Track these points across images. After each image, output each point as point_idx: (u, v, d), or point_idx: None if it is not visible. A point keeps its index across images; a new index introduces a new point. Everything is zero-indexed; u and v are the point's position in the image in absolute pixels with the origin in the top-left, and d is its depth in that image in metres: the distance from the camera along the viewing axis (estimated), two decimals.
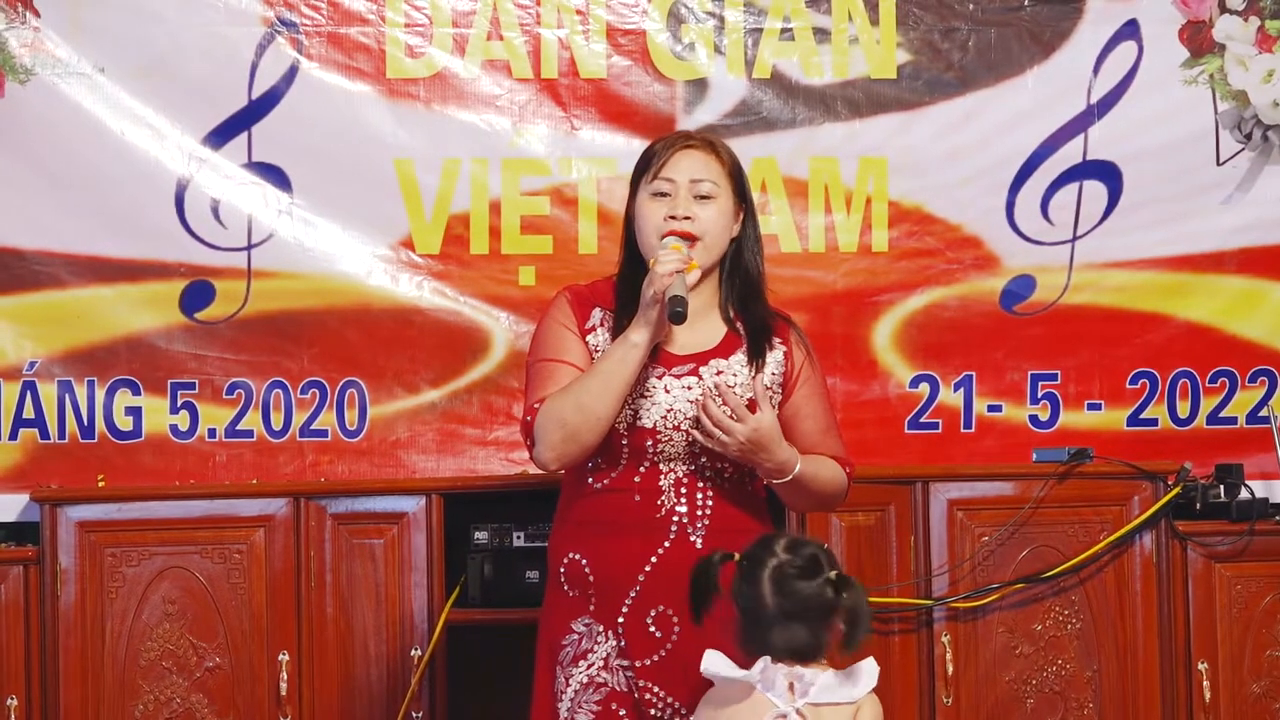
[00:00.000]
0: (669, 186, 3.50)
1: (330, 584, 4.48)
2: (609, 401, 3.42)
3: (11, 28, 4.81)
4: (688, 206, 3.48)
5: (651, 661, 3.45)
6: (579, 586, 3.50)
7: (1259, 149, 5.05)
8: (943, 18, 5.00)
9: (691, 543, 3.46)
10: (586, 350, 3.53)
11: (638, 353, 3.41)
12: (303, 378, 4.90)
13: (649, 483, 3.49)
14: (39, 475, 4.75)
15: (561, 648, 3.50)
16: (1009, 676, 4.48)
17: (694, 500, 3.49)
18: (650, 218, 3.51)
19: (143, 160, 4.85)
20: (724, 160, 3.56)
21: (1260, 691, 4.56)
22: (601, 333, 3.54)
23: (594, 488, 3.51)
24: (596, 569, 3.47)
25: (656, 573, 3.43)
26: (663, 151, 3.55)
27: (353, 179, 4.90)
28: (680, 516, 3.48)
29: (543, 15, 4.95)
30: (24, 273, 4.82)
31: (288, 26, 4.88)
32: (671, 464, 3.50)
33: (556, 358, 3.52)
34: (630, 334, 3.42)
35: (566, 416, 3.42)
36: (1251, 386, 5.03)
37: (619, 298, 3.56)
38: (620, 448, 3.48)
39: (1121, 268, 5.03)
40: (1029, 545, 4.50)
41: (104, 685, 4.42)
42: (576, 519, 3.54)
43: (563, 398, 3.44)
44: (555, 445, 3.43)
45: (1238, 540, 4.55)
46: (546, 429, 3.43)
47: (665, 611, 3.45)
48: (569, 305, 3.58)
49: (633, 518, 3.47)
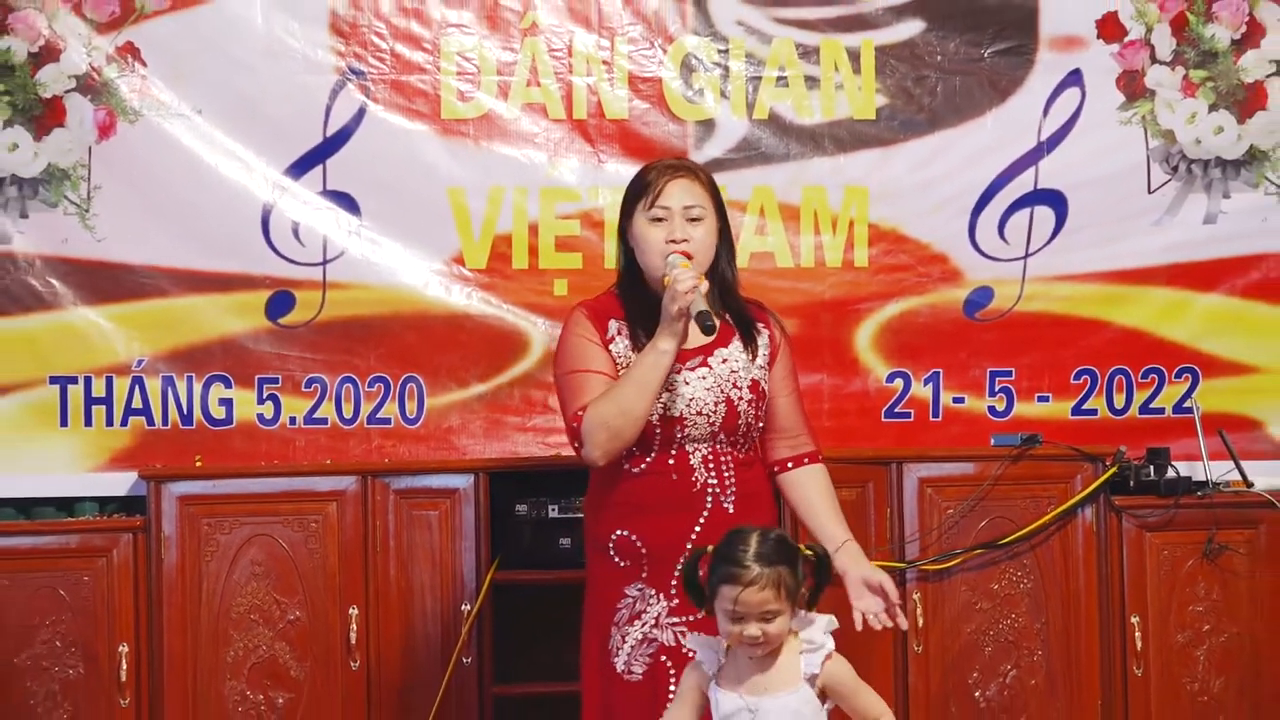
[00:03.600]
0: (665, 213, 3.50)
1: (393, 549, 4.51)
2: (646, 402, 3.44)
3: (123, 76, 4.82)
4: (683, 230, 3.49)
5: (701, 615, 3.39)
6: (630, 557, 3.50)
7: (1184, 179, 5.07)
8: (915, 67, 5.01)
9: (725, 509, 3.49)
10: (610, 358, 3.53)
11: (667, 359, 3.42)
12: (370, 374, 4.92)
13: (681, 463, 3.49)
14: (146, 456, 4.78)
15: (616, 610, 3.51)
16: (970, 628, 4.53)
17: (721, 473, 3.51)
18: (652, 241, 3.50)
19: (234, 189, 4.87)
20: (706, 184, 3.56)
21: (1184, 641, 4.59)
22: (621, 341, 3.54)
23: (632, 472, 3.51)
24: (647, 541, 3.47)
25: (701, 539, 3.42)
26: (656, 180, 3.54)
27: (412, 205, 4.91)
28: (712, 488, 3.49)
29: (574, 65, 4.95)
30: (133, 284, 4.85)
31: (357, 75, 4.90)
32: (697, 444, 3.50)
33: (587, 368, 3.52)
34: (658, 343, 3.43)
35: (610, 420, 3.43)
36: (1177, 382, 5.05)
37: (628, 309, 3.57)
38: (654, 436, 3.49)
39: (1067, 281, 5.04)
40: (987, 516, 4.54)
41: (200, 635, 4.46)
42: (620, 500, 3.52)
43: (605, 404, 3.45)
44: (602, 444, 3.44)
45: (1165, 513, 4.58)
46: (593, 432, 3.44)
47: None
48: (588, 320, 3.58)
49: (672, 494, 3.48)
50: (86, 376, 4.83)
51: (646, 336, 3.50)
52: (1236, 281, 5.06)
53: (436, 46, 4.91)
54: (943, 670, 4.48)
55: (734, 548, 3.01)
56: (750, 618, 2.94)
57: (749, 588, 2.94)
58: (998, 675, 4.55)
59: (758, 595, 2.93)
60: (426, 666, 4.48)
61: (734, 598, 2.94)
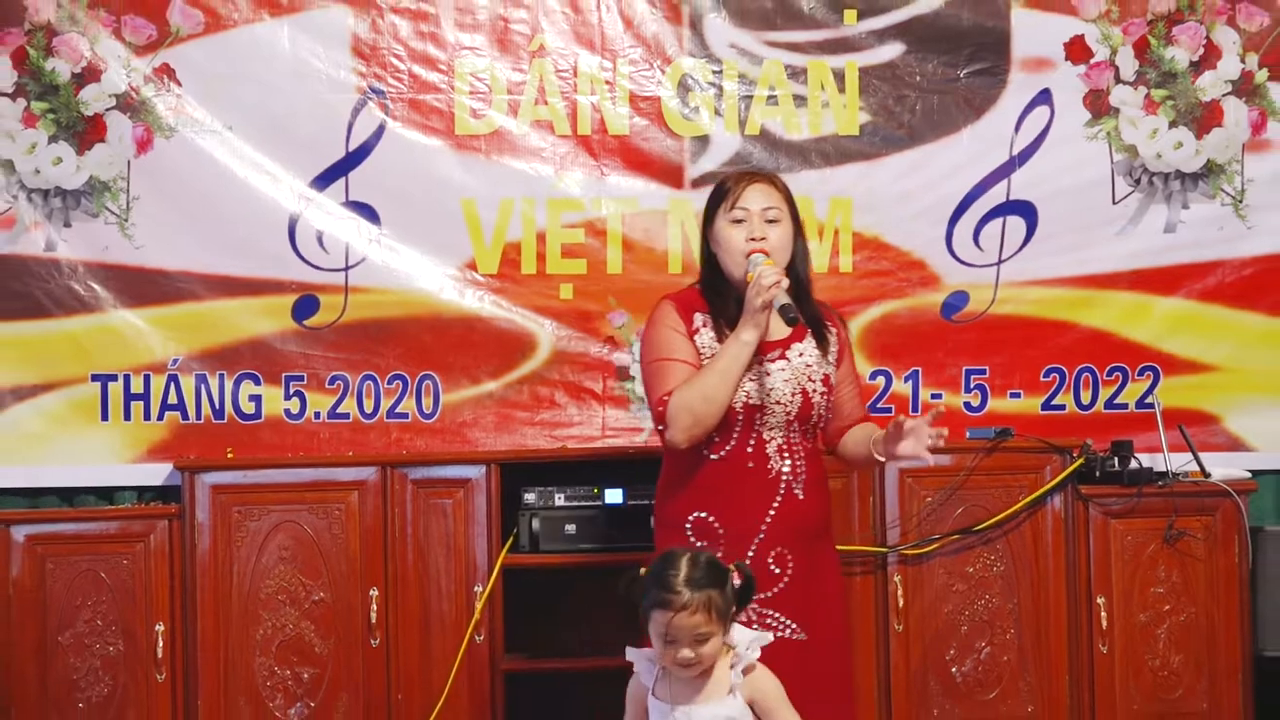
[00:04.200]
0: (744, 214, 3.51)
1: (410, 535, 4.51)
2: (728, 390, 3.43)
3: (159, 95, 4.83)
4: (761, 229, 3.50)
5: (774, 593, 3.46)
6: (707, 538, 3.49)
7: (1146, 191, 5.06)
8: (895, 87, 5.00)
9: (795, 494, 3.50)
10: (695, 348, 3.52)
11: (749, 349, 3.43)
12: (389, 372, 4.90)
13: (759, 450, 3.49)
14: (180, 448, 4.79)
15: None
16: (947, 608, 4.53)
17: (794, 461, 3.52)
18: (733, 240, 3.51)
19: (262, 200, 4.86)
20: (782, 191, 3.58)
21: (1145, 620, 4.59)
22: (706, 333, 3.53)
23: (711, 458, 3.50)
24: (725, 523, 3.47)
25: (775, 522, 3.47)
26: (735, 186, 3.56)
27: (428, 214, 4.90)
28: (785, 475, 3.50)
29: (579, 85, 4.94)
30: (169, 289, 4.84)
31: (377, 94, 4.89)
32: (772, 433, 3.50)
33: (673, 357, 3.51)
34: (741, 334, 3.43)
35: (695, 405, 3.42)
36: (1140, 379, 5.04)
37: (711, 303, 3.56)
38: (734, 423, 3.48)
39: (1037, 285, 5.03)
40: (963, 504, 4.54)
41: (231, 614, 4.47)
42: (699, 484, 3.51)
43: (689, 390, 3.44)
44: (686, 428, 3.44)
45: (1128, 501, 4.58)
46: (678, 417, 3.44)
47: (783, 552, 3.48)
48: (676, 312, 3.57)
49: (749, 480, 3.48)
50: (126, 374, 4.83)
51: (729, 328, 3.49)
52: (1194, 286, 5.05)
53: (451, 67, 4.91)
54: (922, 648, 4.47)
55: (665, 573, 2.94)
56: (682, 641, 2.90)
57: (680, 612, 2.90)
58: (973, 652, 4.54)
59: (689, 620, 2.89)
60: (442, 644, 4.49)
61: (666, 622, 2.90)
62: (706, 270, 3.61)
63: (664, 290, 4.60)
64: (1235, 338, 5.06)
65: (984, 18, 5.00)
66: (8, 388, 4.80)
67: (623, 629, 4.48)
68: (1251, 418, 5.05)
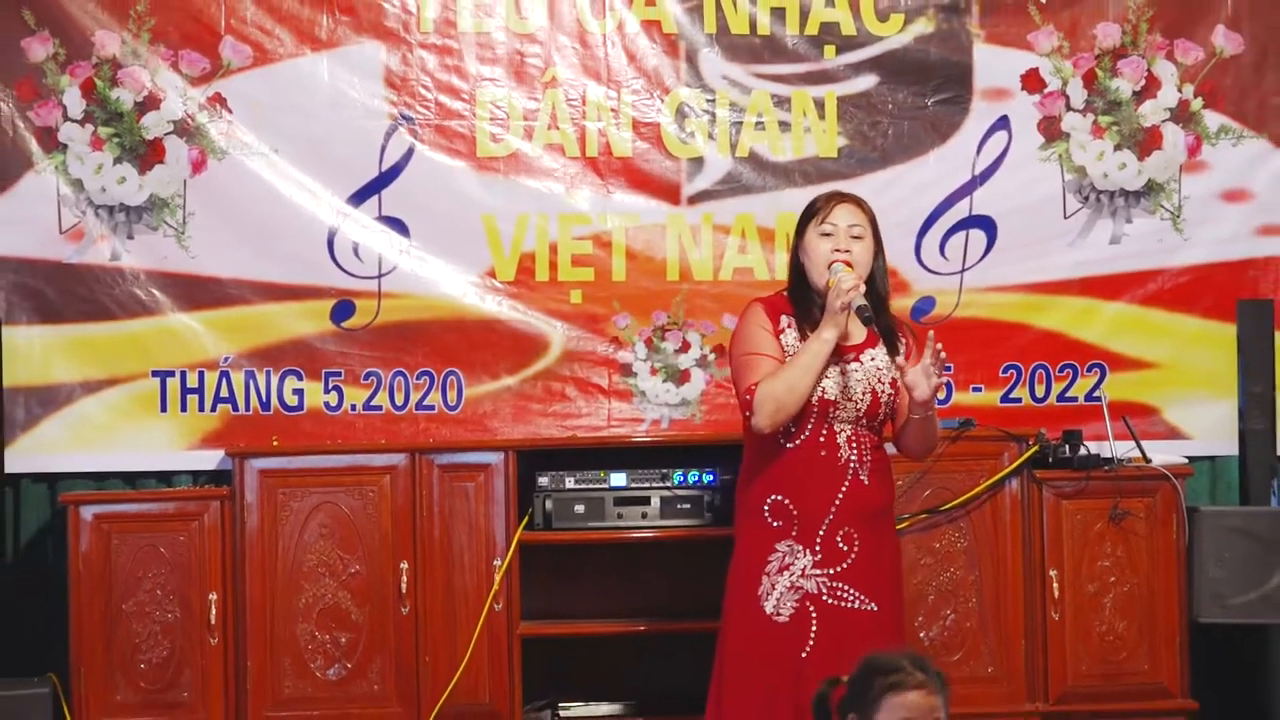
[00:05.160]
0: (832, 229, 3.56)
1: (436, 514, 4.54)
2: (809, 382, 3.48)
3: (212, 121, 4.86)
4: (846, 243, 3.55)
5: (843, 568, 3.51)
6: (783, 518, 3.54)
7: (1093, 207, 5.06)
8: (870, 114, 5.00)
9: (861, 480, 3.56)
10: (780, 346, 3.56)
11: (829, 347, 3.49)
12: (417, 368, 4.90)
13: (830, 440, 3.54)
14: (231, 437, 4.80)
15: (767, 561, 3.54)
16: (917, 579, 4.54)
17: (860, 451, 3.57)
18: (821, 250, 3.56)
19: (304, 215, 4.88)
20: (867, 213, 3.62)
21: (1093, 590, 4.61)
22: (791, 333, 3.57)
23: (787, 446, 3.55)
24: (799, 505, 3.52)
25: (844, 505, 3.53)
26: (825, 205, 3.60)
27: (452, 228, 4.91)
28: (853, 463, 3.55)
29: (587, 112, 4.95)
30: (221, 294, 4.87)
31: (407, 120, 4.89)
32: (843, 425, 3.56)
33: (760, 352, 3.56)
34: (822, 333, 3.48)
35: (780, 395, 3.47)
36: (1088, 375, 5.04)
37: (796, 307, 3.60)
38: (810, 414, 3.53)
39: (996, 291, 5.04)
40: (930, 487, 4.56)
41: (277, 584, 4.50)
42: (775, 471, 3.55)
43: (774, 381, 3.48)
44: (771, 415, 3.48)
45: (1078, 484, 4.60)
46: (764, 405, 3.48)
47: (850, 531, 3.54)
48: (764, 313, 3.61)
49: (821, 466, 3.53)
50: (182, 370, 4.84)
51: (811, 330, 3.53)
52: (1137, 292, 5.06)
53: (473, 97, 4.91)
54: None
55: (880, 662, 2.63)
56: None
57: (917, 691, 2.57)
58: (939, 619, 4.57)
59: (926, 699, 2.57)
60: (465, 611, 4.51)
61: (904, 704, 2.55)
62: (794, 278, 3.65)
63: (662, 294, 4.99)
64: (1173, 338, 5.06)
65: (949, 52, 5.02)
66: (77, 382, 4.82)
67: (626, 598, 4.76)
68: (1188, 410, 5.06)
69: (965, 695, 4.43)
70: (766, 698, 3.48)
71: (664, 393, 4.99)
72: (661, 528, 4.62)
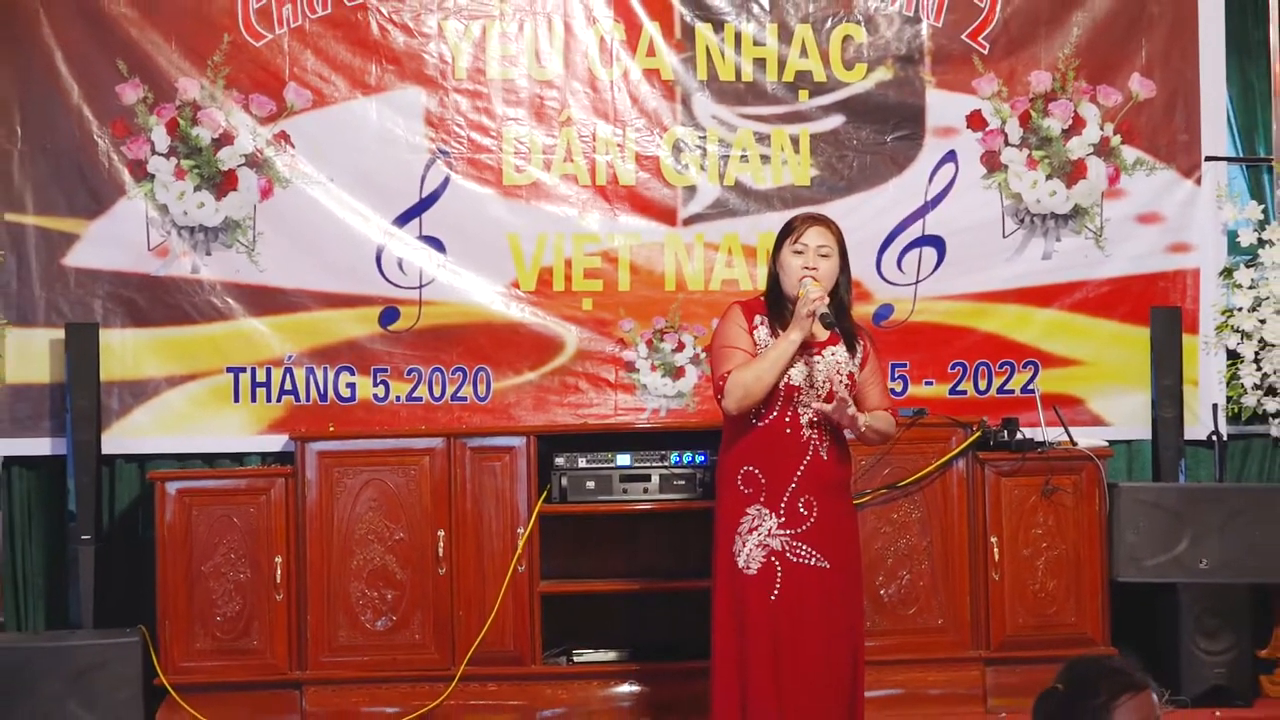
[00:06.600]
0: (803, 248, 3.63)
1: (469, 489, 4.67)
2: (774, 374, 3.59)
3: (278, 154, 5.00)
4: (815, 261, 3.63)
5: (803, 530, 3.61)
6: (753, 486, 3.63)
7: (1029, 228, 5.19)
8: (838, 149, 5.14)
9: (821, 456, 3.64)
10: (753, 342, 3.64)
11: (794, 347, 3.59)
12: (453, 365, 5.02)
13: (795, 421, 3.63)
14: (294, 424, 4.95)
15: (739, 523, 3.63)
16: (877, 545, 4.69)
17: (821, 431, 3.65)
18: (792, 265, 3.63)
19: (356, 234, 5.01)
20: (835, 233, 3.68)
21: (1028, 554, 4.74)
22: (762, 330, 3.66)
23: (757, 425, 3.63)
24: (767, 474, 3.62)
25: (805, 476, 3.61)
26: (800, 226, 3.66)
27: (482, 246, 5.05)
28: (814, 440, 3.64)
29: (597, 147, 5.08)
30: (285, 302, 5.02)
31: (443, 154, 5.02)
32: (805, 409, 3.64)
33: (735, 345, 3.64)
34: (790, 334, 3.58)
35: (748, 383, 3.58)
36: (1024, 371, 5.18)
37: (770, 309, 3.68)
38: (777, 398, 3.62)
39: (945, 300, 5.17)
40: (889, 466, 4.70)
41: (333, 549, 4.63)
42: (746, 445, 3.63)
43: (745, 371, 3.59)
44: (738, 400, 3.59)
45: (1015, 464, 4.73)
46: (733, 391, 3.59)
47: (810, 499, 3.62)
48: (741, 314, 3.69)
49: (785, 442, 3.62)
50: (252, 367, 4.97)
51: (781, 330, 3.62)
52: (1065, 300, 5.21)
53: (500, 134, 5.05)
54: None
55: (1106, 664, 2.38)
56: None
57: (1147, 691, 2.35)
58: (897, 579, 4.71)
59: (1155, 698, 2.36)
60: (492, 572, 4.64)
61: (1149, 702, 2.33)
62: (770, 285, 3.73)
63: (661, 302, 5.13)
64: (1096, 340, 5.20)
65: (906, 96, 5.17)
66: (162, 377, 4.96)
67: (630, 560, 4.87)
68: (1108, 401, 5.20)
69: (919, 644, 4.71)
70: (748, 632, 3.63)
71: (662, 386, 5.16)
72: (660, 501, 4.73)
